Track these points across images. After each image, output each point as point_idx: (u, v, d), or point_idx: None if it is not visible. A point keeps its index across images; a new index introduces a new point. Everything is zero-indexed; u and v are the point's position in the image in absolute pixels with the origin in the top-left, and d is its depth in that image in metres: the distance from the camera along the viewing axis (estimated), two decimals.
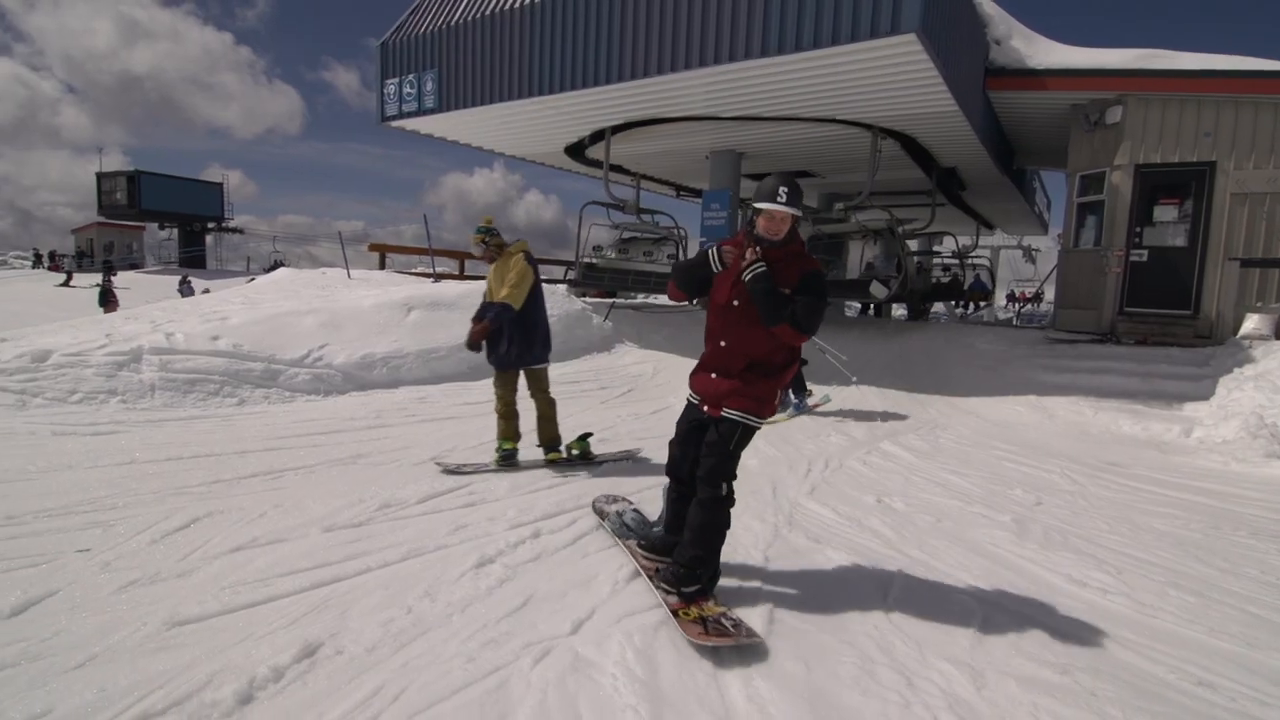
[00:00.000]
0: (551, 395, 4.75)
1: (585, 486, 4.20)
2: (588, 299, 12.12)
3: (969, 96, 9.42)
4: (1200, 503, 4.48)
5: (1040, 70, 9.86)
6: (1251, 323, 8.53)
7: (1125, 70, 9.40)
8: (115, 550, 3.03)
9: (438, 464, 4.51)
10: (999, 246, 24.59)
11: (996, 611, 2.83)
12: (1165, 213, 9.48)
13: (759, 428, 2.71)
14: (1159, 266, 9.50)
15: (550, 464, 4.64)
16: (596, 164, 14.53)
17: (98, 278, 23.80)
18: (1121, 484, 4.89)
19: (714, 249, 2.68)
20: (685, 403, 2.86)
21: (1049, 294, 14.60)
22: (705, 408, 2.73)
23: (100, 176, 37.49)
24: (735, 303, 2.65)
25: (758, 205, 2.60)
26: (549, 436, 4.69)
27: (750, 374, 2.66)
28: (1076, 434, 6.55)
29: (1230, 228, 9.03)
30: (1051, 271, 12.28)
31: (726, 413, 2.65)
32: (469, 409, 6.34)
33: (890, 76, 8.14)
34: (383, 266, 15.25)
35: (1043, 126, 11.64)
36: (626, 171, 15.05)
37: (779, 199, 2.56)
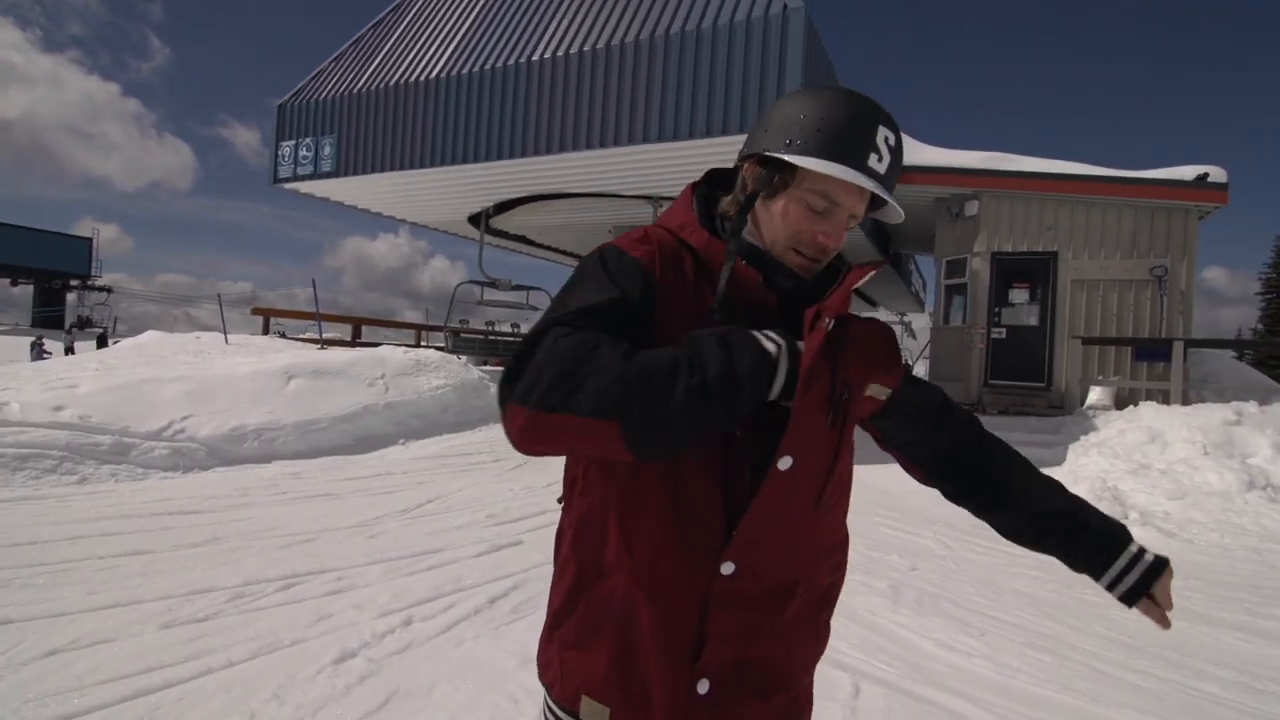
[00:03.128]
0: None
1: (466, 569, 4.01)
2: (486, 368, 11.92)
3: None
4: (1055, 563, 4.78)
5: (908, 167, 10.92)
6: (1095, 394, 9.50)
7: (977, 170, 10.59)
8: None
9: None
10: (885, 322, 26.60)
11: (870, 681, 2.87)
12: (1018, 295, 10.56)
13: None
14: (1016, 343, 10.49)
15: None
16: (501, 233, 14.65)
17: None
18: (988, 547, 5.19)
19: (766, 340, 0.82)
20: None
21: (920, 369, 15.73)
22: None
23: None
24: (785, 464, 0.86)
25: (812, 165, 0.87)
26: None
27: (816, 635, 1.02)
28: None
29: (1073, 309, 10.14)
30: (925, 346, 13.28)
31: None
32: (348, 485, 5.98)
33: None
34: (266, 331, 14.45)
35: (913, 215, 12.81)
36: (530, 242, 15.24)
37: (875, 158, 0.88)
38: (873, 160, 0.88)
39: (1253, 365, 12.74)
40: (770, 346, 0.81)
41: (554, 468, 7.37)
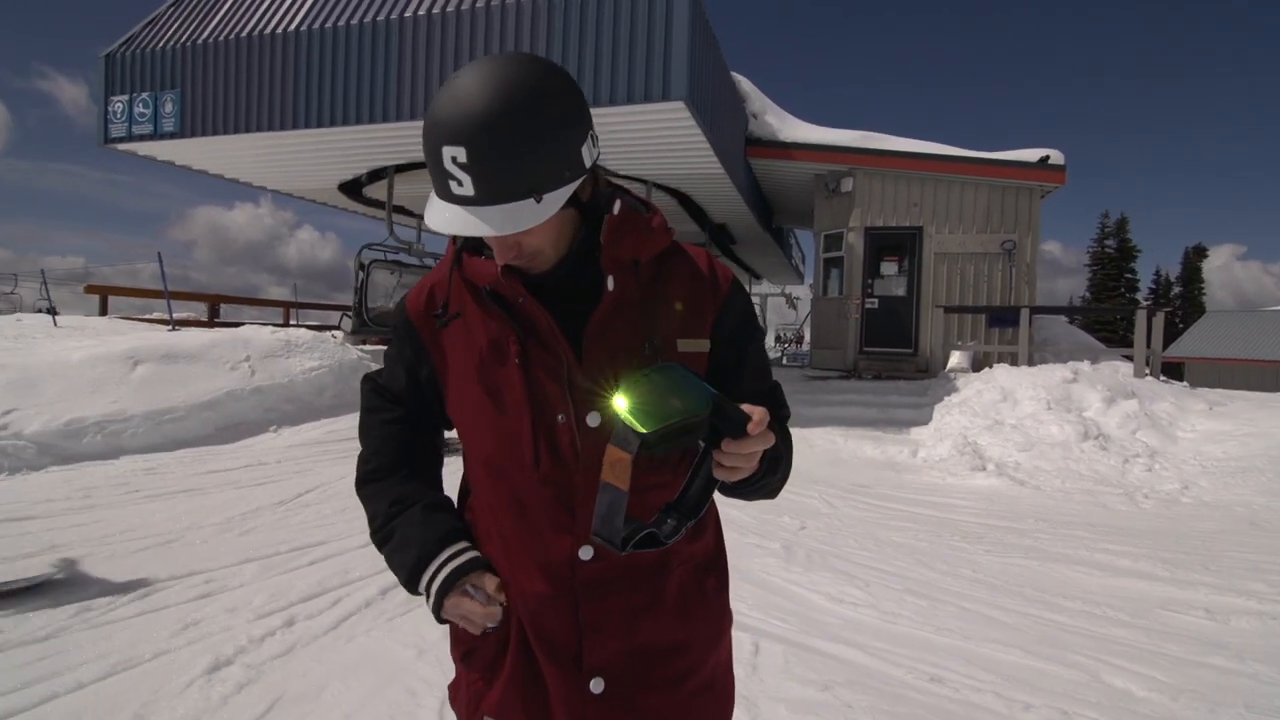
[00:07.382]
0: None
1: (353, 560, 3.77)
2: (365, 348, 11.27)
3: (733, 161, 10.47)
4: (925, 514, 5.22)
5: (789, 143, 11.29)
6: (955, 358, 10.34)
7: (851, 148, 11.11)
8: None
9: None
10: (766, 294, 27.63)
11: (768, 639, 2.98)
12: (889, 268, 11.26)
13: None
14: (887, 312, 11.21)
15: None
16: (377, 203, 13.78)
17: None
18: (868, 503, 5.55)
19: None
20: None
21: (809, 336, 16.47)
22: None
23: None
24: (594, 420, 0.88)
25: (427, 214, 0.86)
26: None
27: (707, 605, 0.98)
28: (831, 460, 7.36)
29: (935, 281, 10.95)
30: (807, 315, 13.93)
31: None
32: (213, 479, 5.46)
33: (663, 139, 8.78)
34: (104, 312, 12.89)
35: (794, 191, 13.29)
36: (409, 213, 14.45)
37: (454, 184, 0.80)
38: (453, 187, 0.79)
39: (1083, 329, 14.36)
40: (424, 578, 0.92)
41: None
